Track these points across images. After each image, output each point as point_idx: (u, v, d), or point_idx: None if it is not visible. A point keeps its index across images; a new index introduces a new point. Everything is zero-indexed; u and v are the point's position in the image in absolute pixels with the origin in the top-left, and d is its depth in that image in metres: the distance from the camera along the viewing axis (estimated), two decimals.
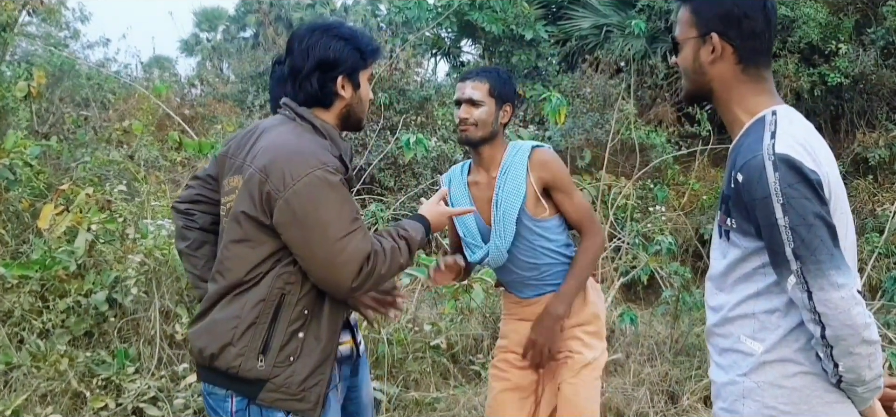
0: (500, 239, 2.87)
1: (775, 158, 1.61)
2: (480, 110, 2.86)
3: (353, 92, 2.24)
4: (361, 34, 2.27)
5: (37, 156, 5.37)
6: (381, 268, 2.10)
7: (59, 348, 4.23)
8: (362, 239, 2.08)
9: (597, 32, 11.53)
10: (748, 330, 1.75)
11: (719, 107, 1.85)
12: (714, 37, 1.76)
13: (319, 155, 2.08)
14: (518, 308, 3.04)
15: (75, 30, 14.21)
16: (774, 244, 1.63)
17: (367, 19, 19.44)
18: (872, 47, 8.87)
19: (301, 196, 2.02)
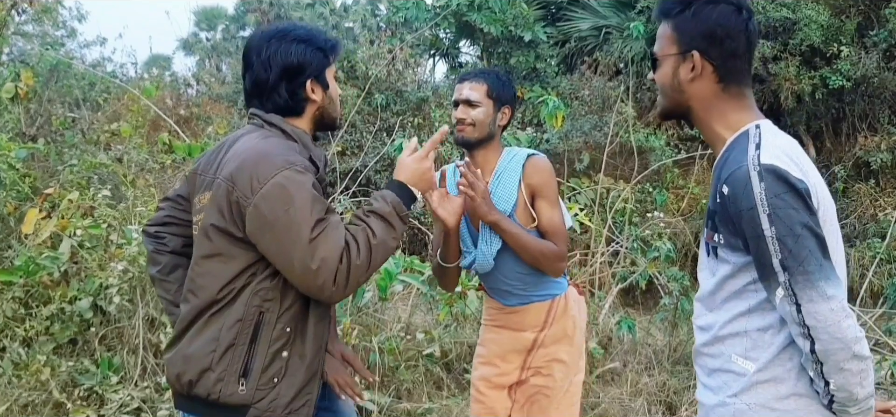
0: (487, 245, 2.81)
1: (761, 168, 1.59)
2: (477, 111, 2.80)
3: (324, 93, 2.15)
4: (317, 32, 2.17)
5: (23, 158, 5.27)
6: (356, 260, 1.94)
7: (40, 357, 4.13)
8: (336, 234, 1.93)
9: (596, 34, 11.45)
10: (740, 348, 1.71)
11: (698, 125, 1.83)
12: (695, 55, 1.74)
13: (286, 155, 1.96)
14: (500, 314, 2.99)
15: (72, 29, 14.15)
16: (761, 256, 1.59)
17: (366, 19, 19.32)
18: (874, 50, 8.77)
19: (270, 199, 1.90)
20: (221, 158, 2.08)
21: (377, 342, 4.84)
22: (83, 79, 9.15)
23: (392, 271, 4.46)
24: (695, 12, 1.75)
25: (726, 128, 1.76)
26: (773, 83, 9.07)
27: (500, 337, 2.98)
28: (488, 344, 3.03)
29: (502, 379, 2.99)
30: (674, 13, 1.79)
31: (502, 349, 2.98)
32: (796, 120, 9.49)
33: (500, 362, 2.99)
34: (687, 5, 1.77)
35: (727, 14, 1.74)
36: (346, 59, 10.25)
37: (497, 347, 2.99)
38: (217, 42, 28.80)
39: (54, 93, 8.22)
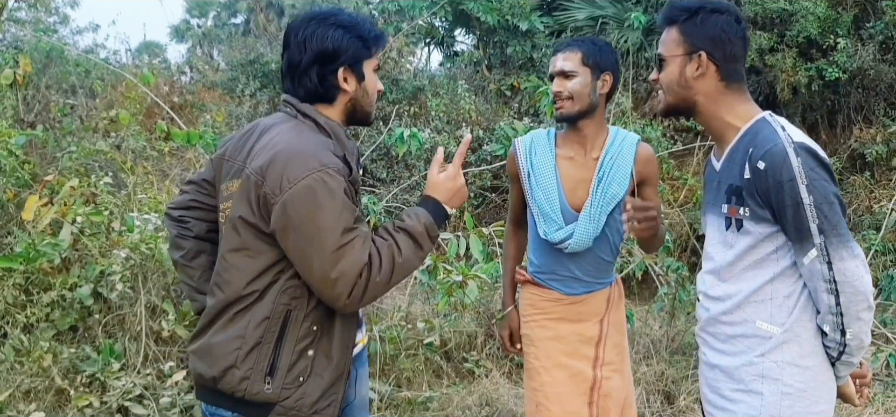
0: (593, 223, 2.69)
1: (795, 146, 1.86)
2: (574, 81, 2.68)
3: (357, 84, 2.07)
4: (363, 21, 2.08)
5: (22, 145, 5.24)
6: (376, 276, 1.90)
7: (42, 344, 4.12)
8: (361, 248, 1.89)
9: (592, 24, 11.43)
10: (764, 314, 1.95)
11: (704, 117, 2.07)
12: (702, 55, 2.01)
13: (320, 155, 1.90)
14: (558, 306, 2.84)
15: (64, 15, 14.06)
16: (799, 221, 1.84)
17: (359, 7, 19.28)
18: (871, 42, 8.80)
19: (298, 200, 1.84)
20: (252, 146, 2.03)
21: (378, 331, 4.86)
22: (78, 66, 9.10)
23: None
24: (702, 19, 2.02)
25: (737, 118, 2.02)
26: (769, 74, 9.10)
27: (560, 331, 2.84)
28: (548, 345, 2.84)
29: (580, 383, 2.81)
30: (681, 19, 2.05)
31: (570, 346, 2.83)
32: (792, 111, 9.51)
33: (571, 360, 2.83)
34: (694, 13, 2.04)
35: (730, 22, 2.04)
36: None
37: (563, 345, 2.82)
38: (208, 29, 28.63)
39: (50, 80, 8.17)
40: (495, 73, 11.39)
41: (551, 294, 2.84)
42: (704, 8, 2.04)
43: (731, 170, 1.98)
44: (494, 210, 9.04)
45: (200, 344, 2.04)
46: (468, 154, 9.30)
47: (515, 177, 2.89)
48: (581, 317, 2.83)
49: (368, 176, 8.92)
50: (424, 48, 12.94)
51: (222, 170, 2.11)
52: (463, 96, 9.93)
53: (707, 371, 2.08)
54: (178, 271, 2.32)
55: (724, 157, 2.04)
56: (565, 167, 2.76)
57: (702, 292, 2.10)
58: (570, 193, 2.74)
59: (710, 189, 2.13)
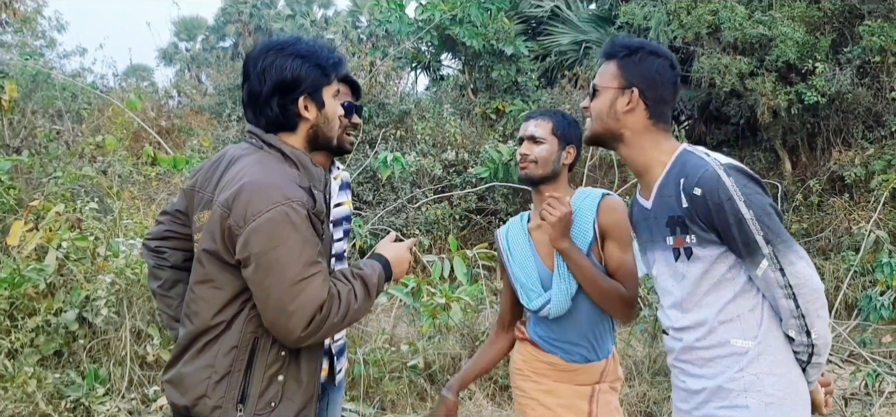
0: (566, 281, 2.70)
1: (725, 167, 1.95)
2: (541, 148, 2.75)
3: (318, 111, 2.08)
4: (320, 49, 2.09)
5: (7, 170, 5.26)
6: (333, 317, 1.93)
7: (27, 369, 4.13)
8: (321, 284, 1.91)
9: (576, 48, 11.58)
10: (736, 331, 2.00)
11: (628, 150, 2.14)
12: (634, 91, 2.09)
13: (284, 188, 1.92)
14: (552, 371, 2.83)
15: (51, 39, 14.07)
16: (745, 236, 1.91)
17: (347, 31, 19.39)
18: (848, 66, 8.96)
19: (261, 233, 1.86)
20: (220, 177, 2.06)
21: (362, 353, 4.88)
22: (65, 91, 9.12)
23: None
24: (640, 59, 2.12)
25: (662, 153, 2.10)
26: (749, 98, 9.23)
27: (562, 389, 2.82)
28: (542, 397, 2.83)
29: None
30: (620, 55, 2.13)
31: (565, 399, 2.82)
32: (772, 134, 9.65)
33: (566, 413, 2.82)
34: (633, 51, 2.13)
35: (664, 67, 2.13)
36: None
37: (558, 398, 2.82)
38: (197, 52, 28.69)
39: (36, 105, 8.18)
40: (481, 97, 11.50)
41: (548, 357, 2.83)
42: (643, 48, 2.13)
43: (665, 202, 2.04)
44: (479, 232, 9.10)
45: (173, 374, 2.07)
46: (453, 176, 9.37)
47: (502, 265, 2.95)
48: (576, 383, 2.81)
49: (355, 198, 8.97)
50: (411, 72, 13.04)
51: (194, 200, 2.14)
52: (448, 119, 10.02)
53: (689, 398, 2.09)
54: (156, 300, 2.36)
55: (654, 193, 2.09)
56: (538, 236, 2.82)
57: (669, 326, 2.12)
58: (546, 259, 2.78)
59: (645, 228, 2.17)
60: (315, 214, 1.95)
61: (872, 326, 6.17)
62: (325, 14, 28.91)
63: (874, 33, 8.61)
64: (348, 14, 25.44)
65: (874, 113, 9.22)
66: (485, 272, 5.95)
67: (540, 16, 12.57)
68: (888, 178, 7.99)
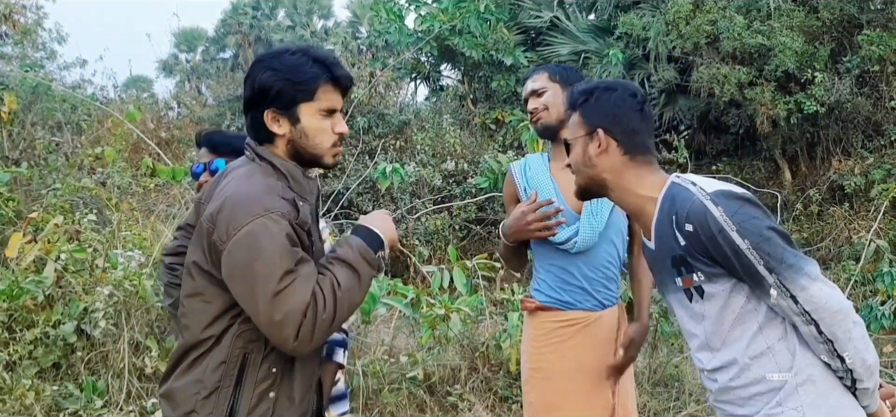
0: (595, 218, 2.77)
1: (711, 196, 1.83)
2: (546, 95, 2.83)
3: (291, 126, 2.00)
4: (302, 64, 1.99)
5: (6, 182, 5.26)
6: (322, 313, 1.86)
7: (25, 381, 4.12)
8: (302, 288, 1.85)
9: (575, 58, 11.60)
10: (770, 365, 1.86)
11: (617, 194, 2.06)
12: (599, 132, 2.02)
13: (265, 200, 1.88)
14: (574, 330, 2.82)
15: (52, 50, 14.09)
16: (746, 268, 1.78)
17: (347, 42, 19.42)
18: (847, 76, 8.97)
19: (241, 247, 1.84)
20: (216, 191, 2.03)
21: (361, 365, 4.87)
22: (64, 102, 9.13)
23: (375, 294, 4.49)
24: (596, 98, 2.07)
25: (650, 189, 2.00)
26: (748, 108, 9.24)
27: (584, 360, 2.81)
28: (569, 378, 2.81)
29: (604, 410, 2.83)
30: (580, 103, 2.09)
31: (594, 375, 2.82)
32: (772, 144, 9.66)
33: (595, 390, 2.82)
34: (590, 94, 2.08)
35: (623, 98, 2.06)
36: None
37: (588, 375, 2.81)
38: (197, 63, 28.74)
39: (36, 116, 8.20)
40: (480, 107, 11.52)
41: (565, 316, 2.83)
42: (598, 88, 2.09)
43: (665, 243, 1.95)
44: (479, 242, 9.09)
45: (166, 388, 2.04)
46: (453, 186, 9.37)
47: (513, 198, 2.96)
48: (598, 342, 2.81)
49: (354, 209, 8.97)
50: (410, 83, 13.06)
51: (200, 212, 2.11)
52: (448, 130, 10.03)
53: None
54: (170, 318, 2.33)
55: (653, 234, 2.00)
56: (561, 176, 2.80)
57: (702, 369, 2.02)
58: (569, 199, 2.75)
59: (655, 270, 2.09)
60: (298, 224, 1.91)
61: (873, 336, 6.16)
62: (325, 25, 28.97)
63: (873, 43, 8.63)
64: (348, 25, 25.48)
65: (874, 122, 9.23)
66: (484, 282, 5.94)
67: (539, 26, 12.59)
68: (888, 188, 7.99)
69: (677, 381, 5.33)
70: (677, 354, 5.56)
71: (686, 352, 5.56)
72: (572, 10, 12.79)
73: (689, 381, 5.30)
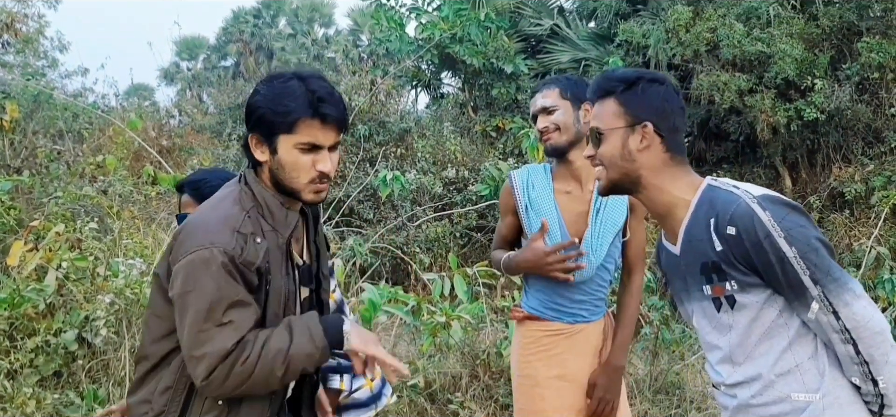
0: (594, 254, 2.74)
1: (758, 200, 1.72)
2: (556, 114, 2.75)
3: (271, 156, 1.94)
4: (287, 94, 1.91)
5: (8, 191, 5.27)
6: (238, 366, 1.81)
7: (26, 390, 4.12)
8: (228, 335, 1.82)
9: (575, 66, 11.63)
10: (796, 384, 1.77)
11: (649, 192, 1.91)
12: (648, 126, 1.87)
13: (212, 231, 1.85)
14: (560, 338, 2.83)
15: (53, 59, 14.14)
16: (789, 277, 1.69)
17: (348, 50, 19.47)
18: (847, 83, 8.98)
19: (182, 273, 1.83)
20: None
21: None
22: (66, 111, 9.16)
23: (376, 302, 4.49)
24: (642, 89, 1.90)
25: (684, 190, 1.89)
26: (748, 115, 9.25)
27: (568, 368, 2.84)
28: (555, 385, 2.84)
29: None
30: (619, 90, 1.91)
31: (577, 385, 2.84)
32: (772, 151, 9.67)
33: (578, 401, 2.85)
34: (633, 83, 1.91)
35: (670, 94, 1.91)
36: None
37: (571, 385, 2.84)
38: (198, 71, 28.82)
39: (38, 125, 8.22)
40: (481, 115, 11.54)
41: (552, 326, 2.84)
42: (643, 78, 1.92)
43: (696, 248, 1.84)
44: (480, 250, 9.10)
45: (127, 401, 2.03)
46: (454, 194, 9.38)
47: (511, 210, 2.91)
48: (584, 351, 2.84)
49: (355, 217, 8.98)
50: (411, 91, 13.09)
51: None
52: (449, 137, 10.05)
53: None
54: None
55: (681, 238, 1.89)
56: (564, 201, 2.80)
57: (719, 383, 1.92)
58: (570, 226, 2.77)
59: (677, 277, 1.97)
60: (241, 263, 1.85)
61: None
62: (326, 33, 29.07)
63: (872, 50, 8.64)
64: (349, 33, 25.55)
65: (874, 129, 9.24)
66: (485, 290, 5.94)
67: (539, 34, 12.63)
68: (888, 194, 7.99)
69: (678, 389, 5.32)
70: (678, 361, 5.55)
71: (687, 360, 5.56)
72: (572, 17, 12.83)
73: (691, 389, 5.29)
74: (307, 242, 2.13)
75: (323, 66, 12.31)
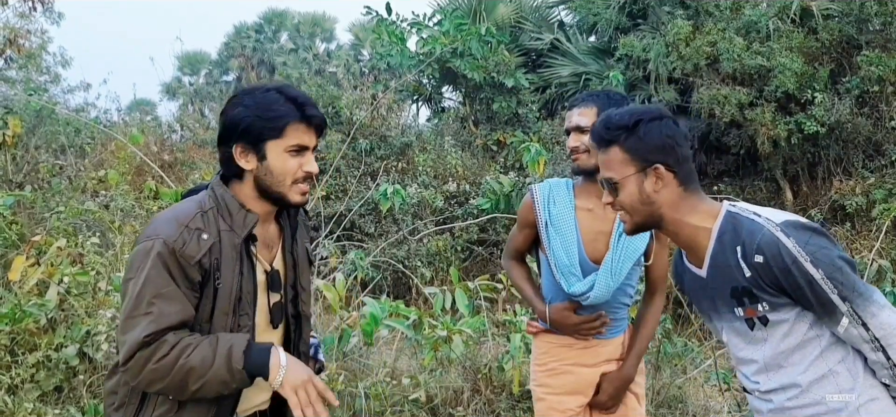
0: (613, 277, 2.71)
1: (781, 228, 1.79)
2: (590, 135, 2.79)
3: (258, 163, 2.01)
4: (273, 102, 2.01)
5: (10, 205, 5.29)
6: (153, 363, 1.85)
7: (27, 405, 4.12)
8: (147, 324, 1.86)
9: (576, 80, 11.66)
10: (832, 387, 1.85)
11: (671, 226, 1.95)
12: (659, 167, 1.90)
13: (162, 226, 1.95)
14: (574, 350, 2.85)
15: (56, 74, 14.21)
16: (819, 297, 1.77)
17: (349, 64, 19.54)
18: (847, 96, 9.00)
19: (127, 262, 1.97)
20: None
21: (363, 387, 4.86)
22: (68, 126, 9.19)
23: (378, 316, 4.50)
24: (645, 132, 1.92)
25: (703, 218, 1.93)
26: (749, 128, 9.26)
27: (581, 376, 2.86)
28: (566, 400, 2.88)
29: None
30: (621, 139, 1.93)
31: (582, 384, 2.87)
32: (773, 164, 9.67)
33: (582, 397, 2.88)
34: (633, 128, 1.93)
35: (670, 127, 1.94)
36: (331, 104, 10.37)
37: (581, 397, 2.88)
38: (200, 86, 28.89)
39: (40, 140, 8.24)
40: (481, 129, 11.56)
41: (565, 340, 2.86)
42: (642, 119, 1.93)
43: (723, 273, 1.89)
44: (481, 264, 9.09)
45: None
46: (455, 208, 9.39)
47: (530, 224, 2.90)
48: (598, 361, 2.85)
49: (357, 231, 8.98)
50: (412, 105, 13.13)
51: None
52: (450, 151, 10.07)
53: None
54: None
55: (707, 263, 1.93)
56: (585, 219, 2.78)
57: (754, 389, 1.98)
58: (589, 245, 2.76)
59: (704, 297, 2.01)
60: (181, 256, 1.91)
61: None
62: (327, 47, 29.16)
63: (872, 63, 8.66)
64: (350, 48, 25.66)
65: (874, 142, 9.25)
66: (486, 304, 5.94)
67: (540, 48, 12.67)
68: (889, 207, 7.99)
69: (680, 402, 5.31)
70: (680, 375, 5.54)
71: (689, 372, 5.55)
72: (573, 32, 12.87)
73: (693, 402, 5.28)
74: (283, 252, 2.19)
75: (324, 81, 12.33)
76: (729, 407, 5.05)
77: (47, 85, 13.53)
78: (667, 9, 10.88)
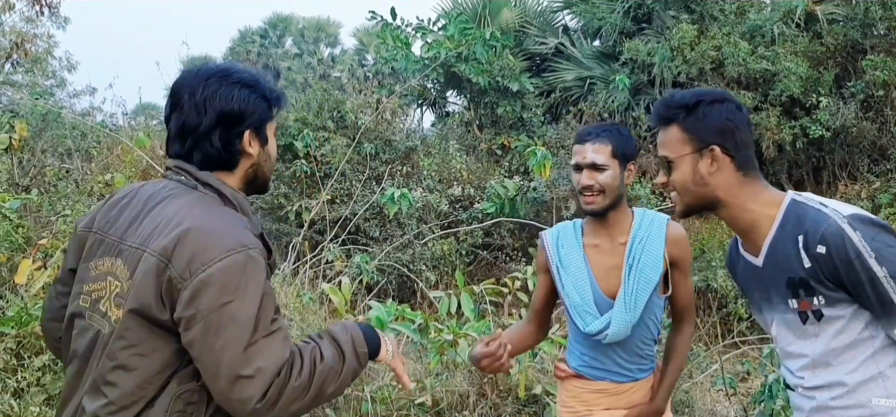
0: (629, 312, 2.58)
1: (848, 219, 1.73)
2: (606, 175, 2.57)
3: (261, 148, 1.83)
4: (263, 79, 1.85)
5: (16, 209, 5.30)
6: (295, 381, 1.62)
7: (33, 409, 4.12)
8: (282, 344, 1.63)
9: (581, 84, 11.67)
10: (879, 391, 1.80)
11: (730, 211, 1.92)
12: (715, 149, 1.87)
13: (239, 234, 1.65)
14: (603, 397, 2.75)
15: (62, 78, 14.25)
16: (880, 296, 1.71)
17: (354, 69, 19.57)
18: (852, 100, 8.99)
19: (213, 286, 1.57)
20: (134, 219, 1.77)
21: (369, 391, 4.86)
22: (74, 129, 9.21)
23: (383, 319, 4.49)
24: (704, 113, 1.89)
25: (766, 205, 1.89)
26: (754, 132, 9.26)
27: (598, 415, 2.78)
28: None
29: None
30: (681, 117, 1.92)
31: None
32: (778, 168, 9.67)
33: None
34: (693, 107, 1.90)
35: (733, 111, 1.90)
36: (336, 108, 10.39)
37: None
38: None
39: (46, 144, 8.27)
40: (486, 133, 11.57)
41: (598, 385, 2.75)
42: (703, 100, 1.91)
43: (781, 263, 1.85)
44: (485, 268, 9.10)
45: None
46: (459, 212, 9.40)
47: (545, 268, 2.82)
48: (629, 404, 2.74)
49: (362, 234, 8.99)
50: (417, 109, 13.14)
51: (89, 245, 1.82)
52: (454, 156, 10.08)
53: None
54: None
55: (765, 252, 1.89)
56: (594, 255, 2.69)
57: (798, 384, 1.95)
58: (602, 281, 2.66)
59: (756, 287, 1.97)
60: (270, 266, 1.74)
61: None
62: (332, 52, 29.23)
63: (877, 67, 8.66)
64: (355, 52, 25.71)
65: (879, 146, 9.24)
66: (492, 308, 5.94)
67: (544, 52, 12.69)
68: (895, 211, 7.97)
69: (687, 407, 5.30)
70: (687, 380, 5.53)
71: (696, 377, 5.54)
72: (577, 36, 12.88)
73: (700, 407, 5.27)
74: None
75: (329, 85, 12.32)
76: (735, 412, 5.04)
77: (53, 89, 13.57)
78: (672, 13, 10.88)
